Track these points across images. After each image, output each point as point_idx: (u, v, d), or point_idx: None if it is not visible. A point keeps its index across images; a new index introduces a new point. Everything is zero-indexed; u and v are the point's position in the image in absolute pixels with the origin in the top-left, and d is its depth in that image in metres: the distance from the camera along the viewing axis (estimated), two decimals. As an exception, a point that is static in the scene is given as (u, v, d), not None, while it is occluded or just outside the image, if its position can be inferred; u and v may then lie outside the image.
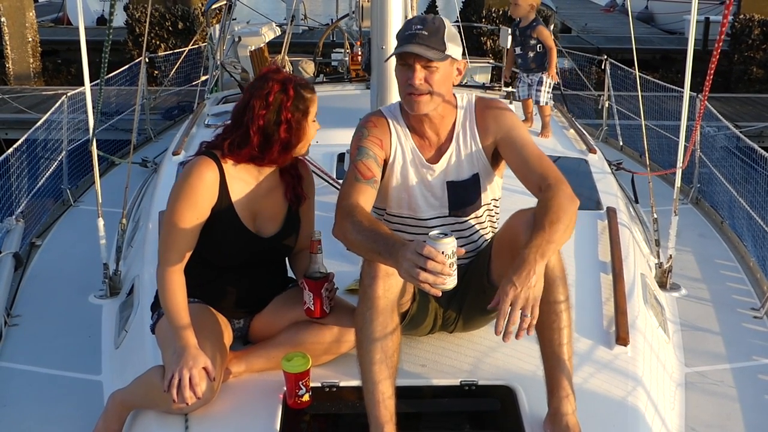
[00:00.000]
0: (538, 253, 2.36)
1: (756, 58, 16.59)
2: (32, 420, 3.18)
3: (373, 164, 2.76)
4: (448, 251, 2.25)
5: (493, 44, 14.03)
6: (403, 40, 2.72)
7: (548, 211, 2.47)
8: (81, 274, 4.45)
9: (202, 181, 2.70)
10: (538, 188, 2.62)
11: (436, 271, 2.23)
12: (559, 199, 2.51)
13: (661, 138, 8.12)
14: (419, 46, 2.67)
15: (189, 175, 2.71)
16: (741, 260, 4.88)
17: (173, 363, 2.55)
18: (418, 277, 2.24)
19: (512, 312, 2.31)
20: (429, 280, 2.23)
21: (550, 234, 2.40)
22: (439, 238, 2.26)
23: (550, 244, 2.40)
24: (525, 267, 2.34)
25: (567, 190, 2.56)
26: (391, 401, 2.48)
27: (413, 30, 2.70)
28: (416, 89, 2.71)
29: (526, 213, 2.59)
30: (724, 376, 3.48)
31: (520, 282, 2.32)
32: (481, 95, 2.96)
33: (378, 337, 2.49)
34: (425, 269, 2.23)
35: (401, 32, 2.76)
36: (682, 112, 4.15)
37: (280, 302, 2.96)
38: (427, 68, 2.70)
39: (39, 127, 6.99)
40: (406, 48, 2.68)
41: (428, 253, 2.23)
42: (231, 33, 7.72)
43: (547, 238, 2.39)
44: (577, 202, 2.55)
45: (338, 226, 2.60)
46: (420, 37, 2.68)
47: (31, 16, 16.00)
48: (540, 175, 2.65)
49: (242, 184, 2.80)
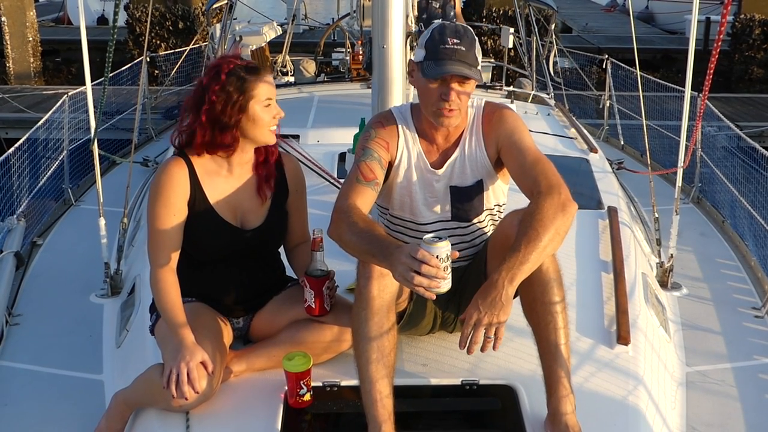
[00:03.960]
0: (507, 278, 2.34)
1: (756, 57, 16.59)
2: (33, 419, 3.18)
3: (376, 166, 2.74)
4: (442, 255, 2.25)
5: (494, 44, 14.02)
6: (439, 55, 2.63)
7: (528, 227, 2.40)
8: (82, 273, 4.46)
9: (170, 178, 2.74)
10: (530, 194, 2.57)
11: (431, 275, 2.23)
12: (544, 211, 2.43)
13: (662, 137, 8.12)
14: (463, 65, 2.61)
15: (158, 176, 2.77)
16: (742, 259, 4.88)
17: (171, 359, 2.57)
18: (412, 280, 2.23)
19: (475, 333, 2.33)
20: (423, 283, 2.23)
21: (524, 254, 2.36)
22: (434, 242, 2.26)
23: (523, 265, 2.36)
24: (491, 291, 2.34)
25: (558, 198, 2.47)
26: (389, 400, 2.48)
27: (450, 45, 2.63)
28: (451, 106, 2.66)
29: (517, 215, 2.55)
30: (725, 375, 3.48)
31: (485, 306, 2.33)
32: (489, 100, 2.93)
33: (374, 337, 2.49)
34: (419, 273, 2.23)
35: (436, 44, 2.65)
36: (683, 111, 4.15)
37: (280, 301, 2.96)
38: (463, 84, 2.66)
39: (40, 127, 7.00)
40: (450, 68, 2.61)
41: (422, 257, 2.23)
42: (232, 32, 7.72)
43: (520, 259, 2.36)
44: (571, 209, 2.46)
45: (334, 226, 2.59)
46: (459, 54, 2.62)
47: (32, 15, 16.01)
48: (533, 180, 2.57)
49: (215, 177, 2.82)
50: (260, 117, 2.75)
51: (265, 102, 2.75)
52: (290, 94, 6.19)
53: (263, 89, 2.75)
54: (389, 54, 3.98)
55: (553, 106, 6.71)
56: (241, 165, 2.84)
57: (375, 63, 4.09)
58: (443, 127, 2.75)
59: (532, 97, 6.80)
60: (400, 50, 4.00)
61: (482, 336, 2.33)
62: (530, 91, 7.01)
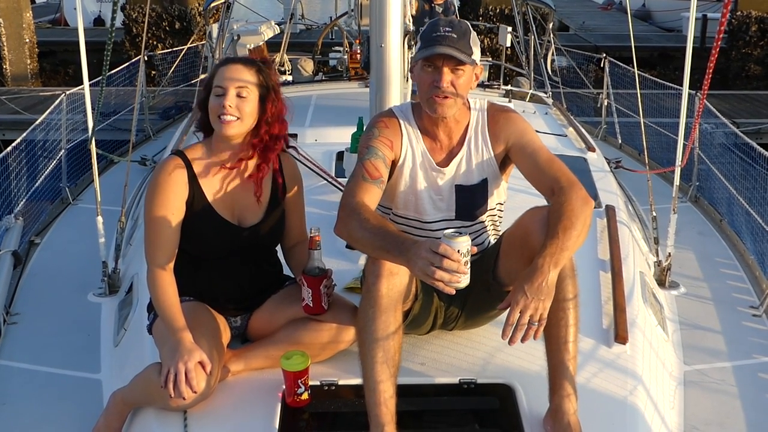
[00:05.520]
0: (551, 262, 2.37)
1: (753, 55, 16.57)
2: (31, 418, 3.18)
3: (381, 164, 2.74)
4: (463, 250, 2.26)
5: (491, 42, 14.02)
6: (431, 41, 2.68)
7: (561, 216, 2.46)
8: (80, 272, 4.46)
9: (167, 177, 2.74)
10: (551, 192, 2.61)
11: (452, 270, 2.23)
12: (572, 202, 2.49)
13: (660, 135, 8.12)
14: (451, 48, 2.65)
15: (155, 175, 2.78)
16: (740, 258, 4.88)
17: (169, 359, 2.57)
18: (433, 275, 2.23)
19: (520, 320, 2.34)
20: (444, 278, 2.23)
21: (563, 241, 2.40)
22: (455, 236, 2.27)
23: (564, 251, 2.40)
24: (538, 277, 2.35)
25: (580, 192, 2.55)
26: (392, 401, 2.48)
27: (442, 32, 2.67)
28: (443, 92, 2.69)
29: (540, 211, 2.58)
30: (723, 374, 3.48)
31: (531, 291, 2.35)
32: (492, 101, 2.94)
33: (380, 337, 2.49)
34: (441, 267, 2.23)
35: (428, 34, 2.72)
36: (681, 110, 4.15)
37: (277, 300, 2.96)
38: (455, 71, 2.69)
39: (38, 126, 6.99)
40: (437, 49, 2.65)
41: (444, 252, 2.23)
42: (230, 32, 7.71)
43: (560, 245, 2.39)
44: (592, 204, 2.54)
45: (342, 223, 2.59)
46: (450, 40, 2.66)
47: (28, 17, 15.96)
48: (552, 178, 2.63)
49: (213, 175, 2.82)
50: (211, 105, 2.76)
51: (216, 90, 2.74)
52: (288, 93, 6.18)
53: (218, 77, 2.75)
54: (387, 53, 3.98)
55: (551, 105, 6.72)
56: (236, 162, 2.84)
57: (373, 62, 4.08)
58: (437, 116, 2.76)
59: (529, 96, 6.81)
60: (398, 49, 3.99)
61: (527, 324, 2.35)
62: (528, 90, 7.03)
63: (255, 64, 2.80)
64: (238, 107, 2.72)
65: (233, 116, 2.72)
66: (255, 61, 2.82)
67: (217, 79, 2.74)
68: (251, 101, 2.75)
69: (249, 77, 2.75)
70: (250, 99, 2.75)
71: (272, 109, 2.80)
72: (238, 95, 2.72)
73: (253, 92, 2.75)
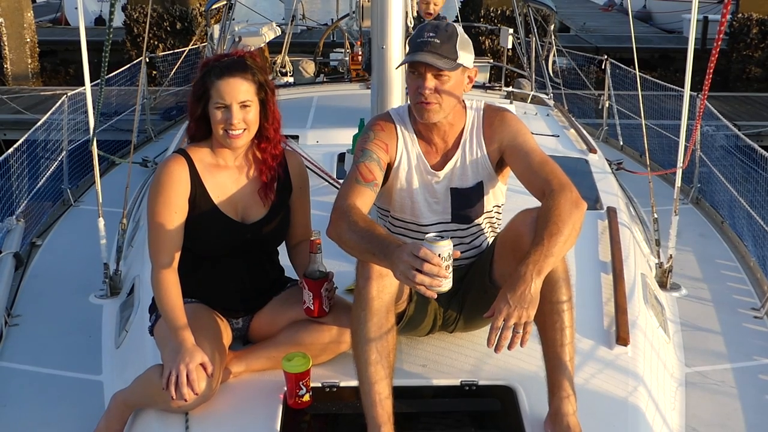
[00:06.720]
0: (534, 270, 2.35)
1: (754, 56, 16.59)
2: (32, 420, 3.18)
3: (375, 167, 2.74)
4: (444, 254, 2.25)
5: (492, 44, 14.03)
6: (414, 47, 2.68)
7: (548, 221, 2.43)
8: (81, 273, 4.46)
9: (170, 176, 2.74)
10: (542, 194, 2.59)
11: (432, 274, 2.22)
12: (561, 206, 2.46)
13: (661, 137, 8.12)
14: (430, 55, 2.64)
15: (158, 175, 2.78)
16: (741, 260, 4.88)
17: (170, 360, 2.57)
18: (413, 279, 2.23)
19: (504, 328, 2.33)
20: (425, 282, 2.23)
21: (548, 248, 2.38)
22: (436, 240, 2.26)
23: (549, 258, 2.38)
24: (520, 285, 2.34)
25: (570, 195, 2.51)
26: (388, 401, 2.48)
27: (425, 38, 2.66)
28: (426, 98, 2.68)
29: (530, 213, 2.57)
30: (724, 375, 3.48)
31: (514, 300, 2.33)
32: (489, 102, 2.94)
33: (373, 338, 2.49)
34: (421, 271, 2.23)
35: (413, 39, 2.72)
36: (683, 111, 4.15)
37: (279, 302, 2.96)
38: (438, 77, 2.67)
39: (39, 127, 6.99)
40: (416, 57, 2.65)
41: (424, 255, 2.23)
42: (231, 33, 7.71)
43: (545, 252, 2.37)
44: (583, 207, 2.51)
45: (333, 225, 2.59)
46: (432, 45, 2.65)
47: (29, 16, 15.98)
48: (544, 180, 2.60)
49: (216, 173, 2.82)
50: (213, 116, 2.75)
51: (217, 104, 2.72)
52: (289, 95, 6.18)
53: (217, 91, 2.72)
54: (388, 54, 3.98)
55: (552, 107, 6.71)
56: (240, 160, 2.85)
57: (374, 63, 4.08)
58: (425, 121, 2.76)
59: (531, 97, 6.80)
60: (399, 51, 3.99)
61: (511, 332, 2.34)
62: (529, 92, 7.01)
63: (248, 69, 2.76)
64: (244, 119, 2.74)
65: (241, 129, 2.74)
66: (247, 66, 2.76)
67: (217, 94, 2.72)
68: (254, 108, 2.76)
69: (249, 87, 2.74)
70: (253, 107, 2.76)
71: (272, 107, 2.83)
72: (242, 106, 2.73)
73: (254, 101, 2.76)
